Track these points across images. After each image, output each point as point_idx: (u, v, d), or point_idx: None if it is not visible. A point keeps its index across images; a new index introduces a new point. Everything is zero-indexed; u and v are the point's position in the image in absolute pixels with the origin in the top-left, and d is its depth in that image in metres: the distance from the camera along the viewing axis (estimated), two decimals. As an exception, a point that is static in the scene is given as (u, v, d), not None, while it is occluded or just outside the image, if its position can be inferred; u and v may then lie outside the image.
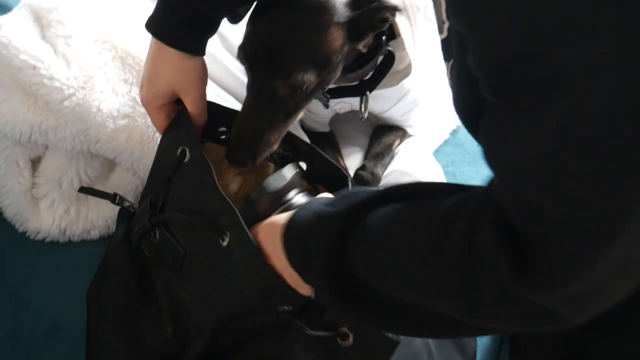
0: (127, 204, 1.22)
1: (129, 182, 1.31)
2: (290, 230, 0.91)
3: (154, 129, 1.25)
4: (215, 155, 1.23)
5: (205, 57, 1.16)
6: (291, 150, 1.23)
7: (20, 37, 1.21)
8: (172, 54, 1.12)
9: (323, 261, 0.84)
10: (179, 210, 1.09)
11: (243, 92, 1.28)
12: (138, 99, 1.24)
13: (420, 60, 1.45)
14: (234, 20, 1.20)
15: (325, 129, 1.59)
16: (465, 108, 0.83)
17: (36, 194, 1.30)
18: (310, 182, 1.26)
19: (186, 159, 1.09)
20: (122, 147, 1.24)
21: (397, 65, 1.42)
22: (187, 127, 1.13)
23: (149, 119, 1.24)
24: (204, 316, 1.05)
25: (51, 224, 1.30)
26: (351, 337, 1.01)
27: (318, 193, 1.24)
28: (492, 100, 0.64)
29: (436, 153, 1.72)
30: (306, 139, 1.51)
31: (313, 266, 0.87)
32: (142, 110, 1.24)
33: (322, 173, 1.24)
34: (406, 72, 1.44)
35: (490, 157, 0.68)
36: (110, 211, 1.32)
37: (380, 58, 1.32)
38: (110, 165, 1.34)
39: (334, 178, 1.24)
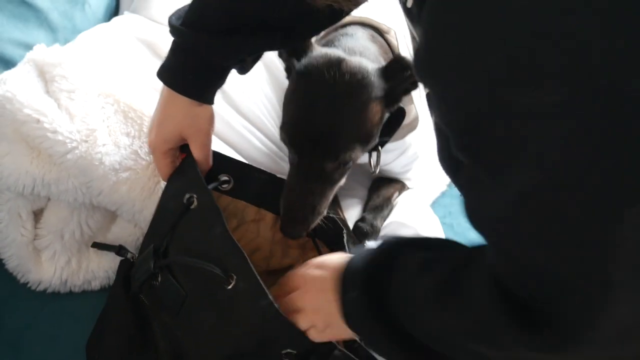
0: (129, 255, 1.24)
1: (129, 233, 1.32)
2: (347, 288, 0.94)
3: (156, 181, 1.27)
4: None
5: None
6: None
7: (24, 92, 1.23)
8: (182, 100, 1.16)
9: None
10: (184, 253, 1.11)
11: (244, 145, 1.31)
12: (140, 152, 1.27)
13: (423, 114, 1.48)
14: (242, 71, 1.23)
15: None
16: (445, 160, 0.84)
17: (38, 245, 1.31)
18: (308, 234, 1.28)
19: (193, 206, 1.12)
20: (123, 199, 1.25)
21: (405, 119, 1.45)
22: (195, 174, 1.16)
23: (149, 171, 1.26)
24: (206, 357, 1.05)
25: (52, 275, 1.30)
26: None
27: (315, 242, 1.26)
28: (462, 159, 0.65)
29: (434, 204, 1.73)
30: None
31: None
32: (144, 163, 1.26)
33: (320, 226, 1.26)
34: (412, 126, 1.48)
35: (471, 214, 0.69)
36: (110, 262, 1.33)
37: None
38: (111, 217, 1.35)
39: (332, 230, 1.26)
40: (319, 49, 1.24)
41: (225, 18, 1.12)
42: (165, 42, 1.52)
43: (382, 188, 1.62)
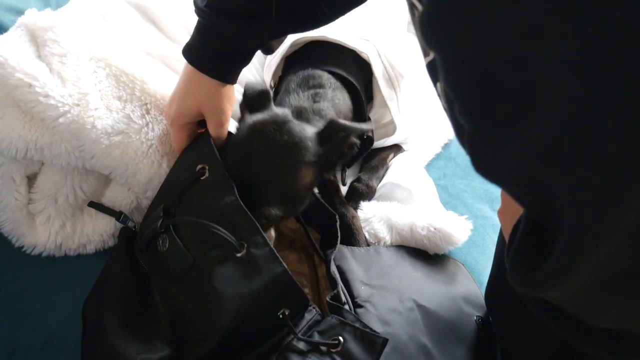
0: (130, 223, 1.28)
1: (123, 197, 1.33)
2: None
3: (148, 145, 1.27)
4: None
5: None
6: None
7: (15, 56, 1.23)
8: (205, 79, 1.20)
9: None
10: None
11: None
12: (132, 116, 1.27)
13: (404, 123, 1.50)
14: (267, 51, 1.25)
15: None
16: (455, 124, 0.83)
17: (32, 209, 1.32)
18: (299, 219, 1.30)
19: (204, 176, 1.15)
20: (116, 162, 1.25)
21: (381, 119, 1.47)
22: (209, 146, 1.19)
23: (142, 135, 1.26)
24: (213, 322, 1.06)
25: (47, 239, 1.31)
26: (341, 344, 1.03)
27: (306, 230, 1.28)
28: (465, 122, 0.65)
29: (428, 166, 1.74)
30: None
31: None
32: (136, 126, 1.26)
33: (314, 213, 1.30)
34: (387, 130, 1.51)
35: (484, 172, 0.68)
36: (105, 226, 1.34)
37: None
38: (105, 180, 1.35)
39: (325, 218, 1.28)
40: (273, 108, 1.23)
41: (249, 3, 1.14)
42: (157, 6, 1.53)
43: (377, 149, 1.63)
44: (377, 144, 1.57)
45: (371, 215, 1.42)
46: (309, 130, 1.19)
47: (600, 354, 0.83)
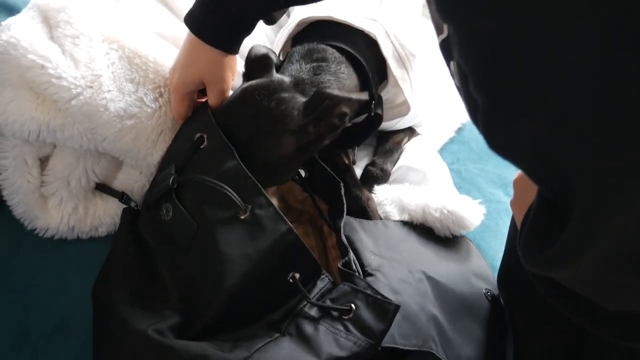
0: (133, 204, 1.28)
1: (135, 180, 1.33)
2: None
3: (160, 130, 1.28)
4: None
5: None
6: None
7: (28, 38, 1.22)
8: (207, 48, 1.20)
9: None
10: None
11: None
12: (145, 99, 1.27)
13: (418, 103, 1.48)
14: (270, 22, 1.24)
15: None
16: (467, 99, 0.82)
17: (45, 192, 1.31)
18: (306, 189, 1.29)
19: (203, 145, 1.16)
20: (128, 146, 1.25)
21: (394, 99, 1.46)
22: (207, 116, 1.21)
23: (155, 120, 1.27)
24: (218, 284, 1.06)
25: (59, 221, 1.31)
26: (353, 311, 1.03)
27: (313, 199, 1.27)
28: (480, 97, 0.64)
29: (442, 151, 1.73)
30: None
31: None
32: (149, 110, 1.26)
33: (320, 182, 1.29)
34: (401, 110, 1.49)
35: (498, 148, 0.67)
36: (116, 208, 1.34)
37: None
38: (117, 163, 1.35)
39: (331, 187, 1.27)
40: (273, 74, 1.24)
41: None
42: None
43: (391, 133, 1.62)
44: (390, 124, 1.57)
45: (383, 199, 1.41)
46: (299, 100, 1.19)
47: (610, 338, 0.82)
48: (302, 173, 1.26)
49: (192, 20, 1.21)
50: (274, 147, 1.18)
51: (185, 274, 1.13)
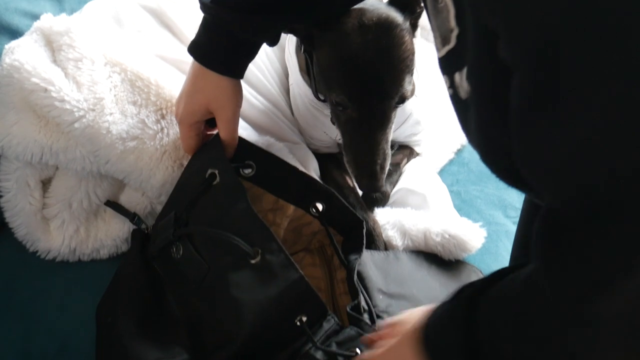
0: (143, 225, 1.28)
1: (137, 202, 1.33)
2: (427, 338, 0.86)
3: (163, 150, 1.27)
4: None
5: None
6: (311, 192, 1.27)
7: (31, 61, 1.23)
8: (212, 75, 1.19)
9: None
10: (206, 226, 1.13)
11: (244, 106, 1.31)
12: (147, 121, 1.27)
13: (422, 84, 1.48)
14: (272, 43, 1.24)
15: (333, 150, 1.61)
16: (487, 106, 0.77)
17: (47, 214, 1.32)
18: (323, 223, 1.28)
19: (215, 182, 1.15)
20: (131, 167, 1.26)
21: None
22: (219, 151, 1.20)
23: (157, 141, 1.26)
24: (232, 330, 1.06)
25: (61, 243, 1.31)
26: (359, 356, 1.02)
27: (330, 235, 1.26)
28: (530, 93, 0.60)
29: (441, 172, 1.73)
30: (315, 162, 1.53)
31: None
32: (151, 132, 1.26)
33: (338, 216, 1.27)
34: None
35: (531, 161, 0.65)
36: (118, 231, 1.34)
37: None
38: (119, 185, 1.35)
39: (350, 222, 1.27)
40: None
41: None
42: (171, 10, 1.53)
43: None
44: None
45: (385, 222, 1.42)
46: (382, 5, 1.27)
47: None
48: (320, 207, 1.25)
49: (197, 48, 1.21)
50: (404, 50, 1.23)
51: (196, 313, 1.12)
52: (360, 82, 1.22)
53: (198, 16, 1.21)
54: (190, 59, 1.22)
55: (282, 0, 1.15)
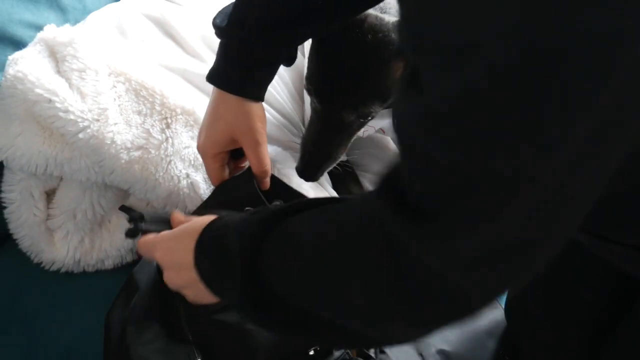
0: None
1: (142, 211, 1.32)
2: (207, 235, 0.89)
3: (168, 160, 1.27)
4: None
5: None
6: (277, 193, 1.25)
7: (35, 72, 1.23)
8: (233, 100, 1.17)
9: (238, 262, 0.80)
10: None
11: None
12: (152, 131, 1.27)
13: None
14: (289, 63, 1.23)
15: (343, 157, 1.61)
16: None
17: (51, 225, 1.32)
18: None
19: None
20: (135, 177, 1.26)
21: None
22: (252, 186, 1.18)
23: (162, 151, 1.26)
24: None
25: (65, 254, 1.31)
26: None
27: None
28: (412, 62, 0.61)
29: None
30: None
31: (227, 271, 0.83)
32: (156, 142, 1.26)
33: None
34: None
35: (400, 121, 0.64)
36: (123, 241, 1.33)
37: None
38: (123, 195, 1.35)
39: None
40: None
41: (272, 12, 1.13)
42: (175, 19, 1.53)
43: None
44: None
45: None
46: (390, 21, 1.22)
47: None
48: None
49: (217, 75, 1.18)
50: (385, 75, 1.22)
51: (203, 334, 1.12)
52: (325, 84, 1.25)
53: (201, 25, 1.21)
54: (194, 69, 1.22)
55: (301, 13, 1.13)
